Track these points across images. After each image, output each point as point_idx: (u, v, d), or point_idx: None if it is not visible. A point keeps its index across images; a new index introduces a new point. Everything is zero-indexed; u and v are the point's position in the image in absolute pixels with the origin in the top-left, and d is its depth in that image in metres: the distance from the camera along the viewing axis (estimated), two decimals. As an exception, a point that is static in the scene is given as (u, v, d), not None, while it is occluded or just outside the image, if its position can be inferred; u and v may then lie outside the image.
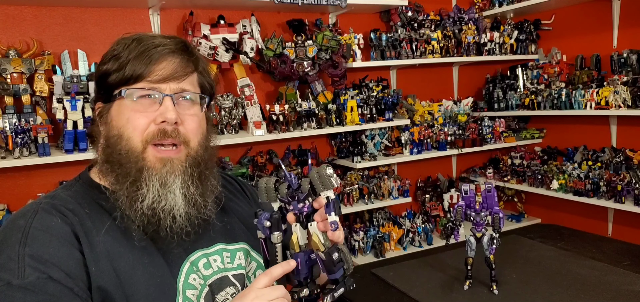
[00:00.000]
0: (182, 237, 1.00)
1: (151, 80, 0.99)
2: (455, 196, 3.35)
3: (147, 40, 1.01)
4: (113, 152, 0.99)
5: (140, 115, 0.99)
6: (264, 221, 0.97)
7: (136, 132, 0.98)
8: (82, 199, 1.01)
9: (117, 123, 1.00)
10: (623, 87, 2.73)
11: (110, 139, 1.00)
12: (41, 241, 0.90)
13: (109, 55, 1.02)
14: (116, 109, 1.01)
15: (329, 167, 0.93)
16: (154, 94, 0.99)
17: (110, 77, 0.99)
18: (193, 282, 1.00)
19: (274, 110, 2.69)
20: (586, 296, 1.64)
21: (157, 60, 0.99)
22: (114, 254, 0.95)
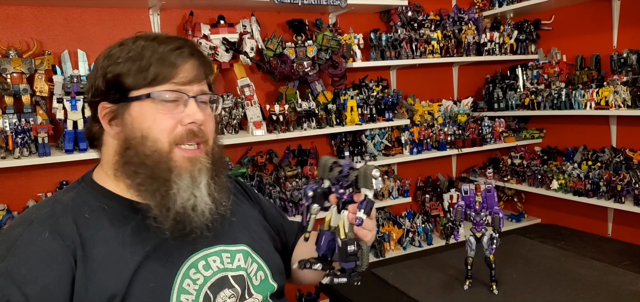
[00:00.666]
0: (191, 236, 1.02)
1: (177, 82, 1.00)
2: (455, 195, 3.36)
3: (166, 41, 1.01)
4: (136, 154, 0.99)
5: (167, 116, 0.99)
6: (309, 191, 1.04)
7: (164, 134, 0.99)
8: (83, 203, 1.00)
9: (140, 125, 0.99)
10: (623, 87, 2.73)
11: (131, 141, 0.99)
12: (19, 257, 0.90)
13: (123, 55, 0.99)
14: (138, 111, 0.99)
15: (377, 169, 0.98)
16: (180, 96, 1.00)
17: (127, 78, 0.98)
18: (187, 288, 0.99)
19: (274, 110, 2.69)
20: (586, 296, 1.64)
21: (181, 63, 1.00)
22: (111, 264, 0.94)
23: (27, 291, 0.87)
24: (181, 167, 1.00)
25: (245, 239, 1.13)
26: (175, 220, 0.98)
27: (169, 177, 0.99)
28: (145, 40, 1.01)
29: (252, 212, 1.23)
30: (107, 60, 1.01)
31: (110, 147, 1.04)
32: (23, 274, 0.88)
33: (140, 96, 0.99)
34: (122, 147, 1.01)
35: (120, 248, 0.97)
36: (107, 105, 1.01)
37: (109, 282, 0.93)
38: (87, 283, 0.92)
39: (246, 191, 1.30)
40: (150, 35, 1.03)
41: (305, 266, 1.03)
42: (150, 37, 1.02)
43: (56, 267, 0.90)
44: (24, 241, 0.92)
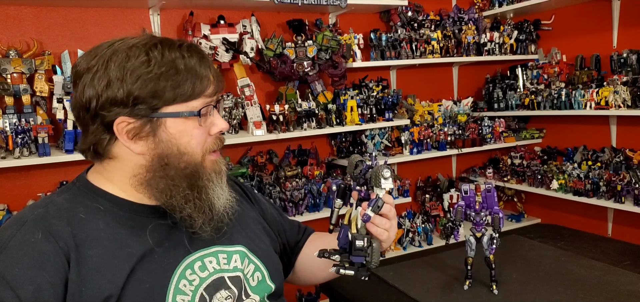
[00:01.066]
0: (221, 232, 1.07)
1: (208, 94, 1.02)
2: (455, 195, 3.36)
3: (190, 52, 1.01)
4: (174, 169, 1.00)
5: (201, 130, 1.03)
6: (334, 185, 1.13)
7: (199, 147, 1.03)
8: (79, 204, 1.00)
9: (178, 141, 1.00)
10: (623, 87, 2.73)
11: (168, 157, 0.99)
12: (12, 258, 0.90)
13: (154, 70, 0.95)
14: (174, 127, 0.99)
15: (388, 169, 1.02)
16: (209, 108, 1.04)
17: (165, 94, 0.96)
18: (183, 288, 0.99)
19: (274, 110, 2.69)
20: (586, 296, 1.64)
21: (207, 75, 1.02)
22: (105, 266, 0.94)
23: (20, 293, 0.87)
24: (212, 171, 1.05)
25: (243, 240, 1.13)
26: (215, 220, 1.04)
27: (205, 184, 1.03)
28: (170, 50, 0.98)
29: (250, 213, 1.23)
30: (131, 74, 0.95)
31: (129, 162, 1.01)
32: (16, 275, 0.88)
33: (181, 113, 0.99)
34: (156, 163, 0.99)
35: (116, 249, 0.96)
36: (130, 121, 0.96)
37: (104, 283, 0.92)
38: (81, 284, 0.91)
39: (245, 191, 1.29)
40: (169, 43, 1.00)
41: (323, 255, 1.07)
42: (173, 45, 1.00)
43: (49, 269, 0.90)
44: (17, 242, 0.91)
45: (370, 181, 1.05)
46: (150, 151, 0.99)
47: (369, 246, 1.01)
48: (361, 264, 1.02)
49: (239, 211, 1.17)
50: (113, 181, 1.03)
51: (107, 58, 0.97)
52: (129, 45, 0.98)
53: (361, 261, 1.02)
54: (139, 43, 0.98)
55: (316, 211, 2.82)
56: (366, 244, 1.00)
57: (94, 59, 0.98)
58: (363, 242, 1.00)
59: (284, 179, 2.84)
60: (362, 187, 1.08)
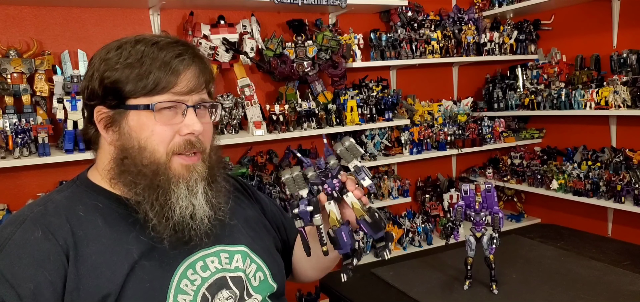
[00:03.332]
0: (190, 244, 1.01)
1: (176, 92, 0.98)
2: (455, 195, 3.36)
3: (167, 47, 0.98)
4: (134, 164, 0.98)
5: (166, 127, 0.98)
6: (304, 208, 1.00)
7: (162, 145, 0.98)
8: (78, 201, 1.00)
9: (138, 135, 0.97)
10: (623, 87, 2.73)
11: (128, 151, 0.98)
12: (11, 257, 0.90)
13: (122, 60, 0.96)
14: (135, 120, 0.98)
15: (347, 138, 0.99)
16: (179, 106, 0.99)
17: (128, 85, 0.96)
18: (185, 288, 0.99)
19: (274, 110, 2.69)
20: (586, 296, 1.64)
21: (182, 71, 0.98)
22: (104, 263, 0.94)
23: (20, 291, 0.87)
24: (178, 176, 0.99)
25: (244, 240, 1.12)
26: (174, 229, 0.98)
27: (167, 186, 0.98)
28: (145, 44, 0.98)
29: (251, 212, 1.23)
30: (105, 64, 0.98)
31: (107, 153, 1.02)
32: (16, 273, 0.88)
33: (139, 106, 0.97)
34: (119, 155, 0.99)
35: (115, 247, 0.96)
36: (104, 110, 0.99)
37: (103, 281, 0.92)
38: (79, 282, 0.91)
39: (246, 189, 1.29)
40: (150, 38, 1.00)
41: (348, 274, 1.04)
42: (150, 41, 0.99)
43: (49, 267, 0.90)
44: (16, 240, 0.92)
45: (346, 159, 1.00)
46: (114, 142, 1.00)
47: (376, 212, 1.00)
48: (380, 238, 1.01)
49: (239, 210, 1.17)
50: (104, 177, 1.04)
51: (100, 52, 1.02)
52: (121, 40, 1.01)
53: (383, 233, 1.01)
54: (128, 39, 1.01)
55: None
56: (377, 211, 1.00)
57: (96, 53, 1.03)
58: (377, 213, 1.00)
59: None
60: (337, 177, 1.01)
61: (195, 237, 1.00)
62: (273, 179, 2.87)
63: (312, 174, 1.03)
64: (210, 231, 1.02)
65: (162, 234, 0.97)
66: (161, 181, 0.98)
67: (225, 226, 1.08)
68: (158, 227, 0.97)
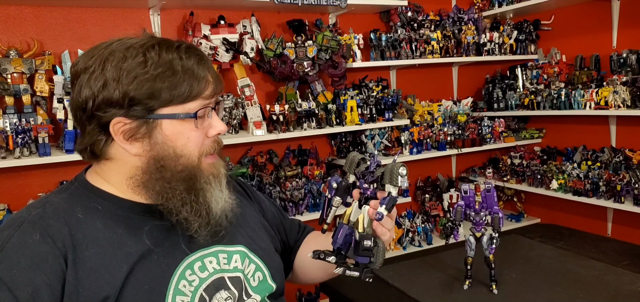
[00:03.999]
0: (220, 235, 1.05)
1: (206, 96, 1.01)
2: (454, 195, 3.36)
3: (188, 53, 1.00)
4: (170, 171, 0.99)
5: (199, 132, 1.01)
6: (333, 182, 1.06)
7: (196, 149, 1.01)
8: (77, 203, 0.99)
9: (174, 143, 0.99)
10: (622, 87, 2.73)
11: (164, 160, 0.98)
12: (9, 260, 0.90)
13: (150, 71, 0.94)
14: (170, 129, 0.98)
15: (404, 167, 0.98)
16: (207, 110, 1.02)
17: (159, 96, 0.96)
18: (183, 289, 0.99)
19: (274, 110, 2.69)
20: (586, 295, 1.64)
21: (205, 76, 1.01)
22: (103, 266, 0.93)
23: (19, 295, 0.87)
24: (209, 174, 1.04)
25: (243, 240, 1.12)
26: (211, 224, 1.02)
27: (203, 186, 1.02)
28: (168, 51, 0.97)
29: (251, 212, 1.22)
30: (127, 75, 0.94)
31: (125, 163, 1.00)
32: (14, 277, 0.88)
33: (177, 115, 0.98)
34: (152, 165, 0.99)
35: (114, 249, 0.96)
36: (126, 121, 0.96)
37: (102, 283, 0.92)
38: (78, 285, 0.91)
39: (245, 190, 1.29)
40: (167, 44, 0.99)
41: (319, 257, 1.03)
42: (171, 46, 0.99)
43: (47, 270, 0.90)
44: (14, 243, 0.91)
45: (382, 178, 1.00)
46: (146, 153, 0.99)
47: (375, 246, 0.98)
48: (365, 265, 0.99)
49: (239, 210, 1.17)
50: (110, 181, 1.03)
51: (105, 58, 0.96)
52: (127, 45, 0.97)
53: (366, 261, 0.99)
54: (136, 43, 0.97)
55: (316, 210, 2.82)
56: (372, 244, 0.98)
57: (91, 59, 0.98)
58: (371, 242, 0.98)
59: (284, 179, 2.84)
60: (370, 185, 1.03)
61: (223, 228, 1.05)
62: (273, 179, 2.87)
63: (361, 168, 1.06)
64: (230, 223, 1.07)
65: (201, 233, 1.01)
66: (198, 183, 1.01)
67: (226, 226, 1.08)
68: (200, 227, 1.01)
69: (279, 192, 2.76)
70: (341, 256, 1.03)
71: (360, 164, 1.06)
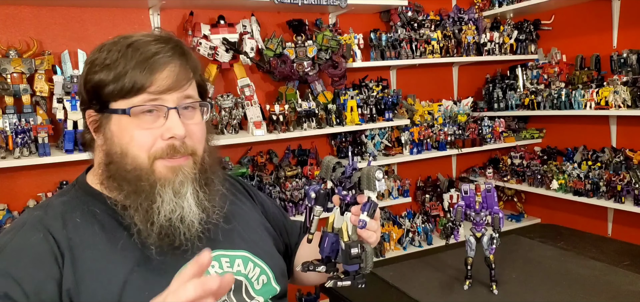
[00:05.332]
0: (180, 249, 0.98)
1: (153, 91, 0.93)
2: (455, 195, 3.36)
3: (143, 45, 0.94)
4: (118, 170, 0.95)
5: (146, 132, 0.94)
6: (312, 192, 1.03)
7: (142, 151, 0.94)
8: (76, 207, 0.99)
9: (119, 140, 0.95)
10: (623, 87, 2.73)
11: (112, 156, 0.96)
12: (11, 257, 0.90)
13: (100, 62, 0.94)
14: (116, 125, 0.95)
15: (380, 170, 0.95)
16: (159, 108, 0.94)
17: (106, 88, 0.93)
18: None
19: (274, 110, 2.69)
20: (586, 295, 1.64)
21: (158, 69, 0.93)
22: (101, 271, 0.93)
23: (25, 287, 0.87)
24: (163, 179, 0.95)
25: (246, 244, 1.11)
26: (161, 233, 0.94)
27: (151, 191, 0.94)
28: (125, 44, 0.94)
29: (253, 214, 1.21)
30: (89, 66, 0.96)
31: (98, 157, 1.02)
32: (17, 272, 0.88)
33: (117, 110, 0.94)
34: (105, 160, 0.98)
35: (111, 254, 0.95)
36: (92, 114, 0.98)
37: (98, 289, 0.91)
38: (76, 289, 0.90)
39: (248, 190, 1.28)
40: (130, 36, 0.97)
41: (308, 269, 1.01)
42: (129, 39, 0.96)
43: (47, 267, 0.90)
44: (15, 244, 0.92)
45: (360, 183, 0.97)
46: (102, 147, 0.99)
47: (363, 251, 0.96)
48: (356, 272, 0.98)
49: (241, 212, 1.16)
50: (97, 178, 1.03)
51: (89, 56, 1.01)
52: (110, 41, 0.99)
53: (356, 268, 0.97)
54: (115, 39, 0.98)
55: (316, 211, 2.82)
56: (360, 250, 0.96)
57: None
58: (358, 249, 0.96)
59: (284, 179, 2.84)
60: (349, 191, 0.99)
61: (185, 241, 0.96)
62: (273, 179, 2.87)
63: (337, 173, 1.02)
64: (202, 234, 0.99)
65: (147, 240, 0.94)
66: (144, 186, 0.94)
67: (224, 229, 1.06)
68: (143, 232, 0.94)
69: (279, 192, 2.76)
70: (331, 263, 1.01)
71: (335, 168, 1.03)
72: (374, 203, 0.96)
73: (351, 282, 0.99)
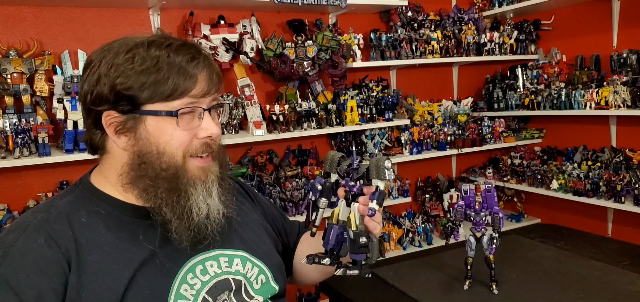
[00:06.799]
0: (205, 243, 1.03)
1: (194, 95, 0.99)
2: (455, 195, 3.36)
3: (180, 50, 0.98)
4: (152, 168, 0.98)
5: (184, 132, 0.99)
6: (317, 185, 1.06)
7: (180, 149, 0.99)
8: (81, 207, 0.99)
9: (156, 140, 0.98)
10: (623, 87, 2.73)
11: (146, 156, 0.98)
12: (15, 264, 0.90)
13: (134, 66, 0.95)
14: (154, 125, 0.98)
15: (389, 160, 0.99)
16: (195, 109, 1.00)
17: (143, 92, 0.95)
18: (185, 293, 0.99)
19: (274, 110, 2.69)
20: (586, 295, 1.64)
21: (198, 73, 0.99)
22: (106, 271, 0.93)
23: (24, 298, 0.87)
24: (196, 178, 1.01)
25: (244, 244, 1.12)
26: (193, 230, 1.00)
27: (186, 188, 0.99)
28: (158, 48, 0.97)
29: (252, 214, 1.22)
30: (115, 69, 0.96)
31: (118, 158, 1.01)
32: (19, 280, 0.88)
33: (159, 111, 0.97)
34: (135, 160, 0.99)
35: (117, 254, 0.96)
36: (115, 115, 0.98)
37: (104, 289, 0.92)
38: (81, 289, 0.91)
39: (247, 191, 1.29)
40: (161, 41, 0.99)
41: (313, 261, 1.03)
42: (162, 44, 0.98)
43: (51, 273, 0.90)
44: (19, 247, 0.92)
45: (368, 173, 1.01)
46: (131, 148, 0.99)
47: (369, 241, 0.99)
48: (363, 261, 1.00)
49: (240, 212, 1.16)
50: (109, 178, 1.03)
51: (103, 55, 0.99)
52: (126, 42, 0.99)
53: (364, 258, 1.00)
54: (133, 41, 0.99)
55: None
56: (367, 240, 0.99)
57: (94, 55, 1.01)
58: (366, 238, 0.99)
59: (284, 179, 2.84)
60: (356, 182, 1.03)
61: (209, 235, 1.02)
62: (273, 179, 2.87)
63: (342, 166, 1.06)
64: (221, 228, 1.04)
65: (182, 236, 0.98)
66: (180, 184, 0.99)
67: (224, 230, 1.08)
68: (179, 229, 0.98)
69: (279, 192, 2.76)
70: (335, 256, 1.03)
71: (340, 162, 1.06)
72: (382, 192, 0.99)
73: (359, 272, 1.00)
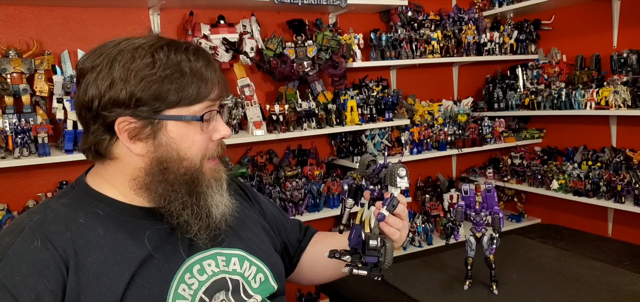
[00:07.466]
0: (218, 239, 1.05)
1: (212, 98, 1.01)
2: (455, 196, 3.36)
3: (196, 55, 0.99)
4: (172, 173, 0.98)
5: (203, 136, 1.01)
6: (345, 185, 1.13)
7: (200, 153, 1.01)
8: (78, 208, 0.99)
9: (178, 145, 0.98)
10: (623, 87, 2.73)
11: (167, 162, 0.98)
12: (11, 266, 0.89)
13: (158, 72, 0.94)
14: (175, 131, 0.97)
15: (403, 168, 1.02)
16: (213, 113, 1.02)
17: (168, 97, 0.95)
18: (183, 293, 0.99)
19: (274, 110, 2.69)
20: (586, 296, 1.64)
21: (213, 79, 1.01)
22: (105, 273, 0.93)
23: (21, 301, 0.87)
24: (211, 178, 1.04)
25: (242, 243, 1.12)
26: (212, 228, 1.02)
27: (205, 190, 1.02)
28: (176, 53, 0.97)
29: (250, 213, 1.22)
30: (135, 75, 0.93)
31: (128, 163, 1.00)
32: (16, 283, 0.87)
33: (184, 116, 0.97)
34: (155, 167, 0.98)
35: (116, 255, 0.95)
36: (132, 121, 0.95)
37: (103, 290, 0.92)
38: (80, 292, 0.90)
39: (245, 191, 1.29)
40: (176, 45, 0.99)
41: (334, 256, 1.07)
42: (179, 48, 0.98)
43: (48, 276, 0.89)
44: (16, 250, 0.91)
45: (384, 180, 1.04)
46: (149, 154, 0.98)
47: (383, 246, 1.01)
48: (374, 264, 1.02)
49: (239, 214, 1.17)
50: (113, 183, 1.02)
51: (112, 58, 0.95)
52: (135, 45, 0.96)
53: (374, 260, 1.02)
54: (145, 44, 0.97)
55: (316, 211, 2.82)
56: (379, 243, 1.01)
57: (98, 58, 0.97)
58: (376, 242, 1.01)
59: (284, 179, 2.84)
60: (375, 187, 1.08)
61: (221, 232, 1.05)
62: (273, 179, 2.87)
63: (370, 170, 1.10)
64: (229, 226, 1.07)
65: (201, 236, 1.01)
66: (199, 187, 1.01)
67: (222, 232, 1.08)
68: (199, 231, 1.00)
69: (279, 193, 2.76)
70: (357, 254, 1.06)
71: (369, 165, 1.10)
72: (394, 199, 1.02)
73: (367, 273, 1.03)
